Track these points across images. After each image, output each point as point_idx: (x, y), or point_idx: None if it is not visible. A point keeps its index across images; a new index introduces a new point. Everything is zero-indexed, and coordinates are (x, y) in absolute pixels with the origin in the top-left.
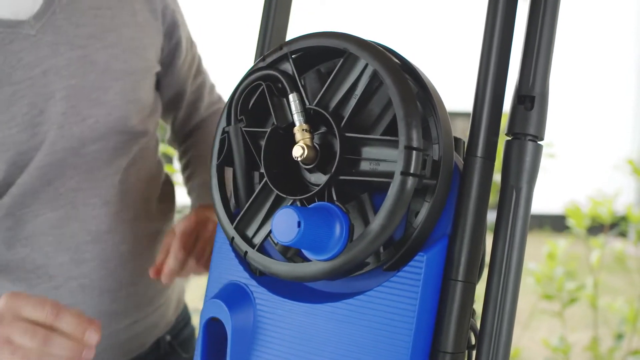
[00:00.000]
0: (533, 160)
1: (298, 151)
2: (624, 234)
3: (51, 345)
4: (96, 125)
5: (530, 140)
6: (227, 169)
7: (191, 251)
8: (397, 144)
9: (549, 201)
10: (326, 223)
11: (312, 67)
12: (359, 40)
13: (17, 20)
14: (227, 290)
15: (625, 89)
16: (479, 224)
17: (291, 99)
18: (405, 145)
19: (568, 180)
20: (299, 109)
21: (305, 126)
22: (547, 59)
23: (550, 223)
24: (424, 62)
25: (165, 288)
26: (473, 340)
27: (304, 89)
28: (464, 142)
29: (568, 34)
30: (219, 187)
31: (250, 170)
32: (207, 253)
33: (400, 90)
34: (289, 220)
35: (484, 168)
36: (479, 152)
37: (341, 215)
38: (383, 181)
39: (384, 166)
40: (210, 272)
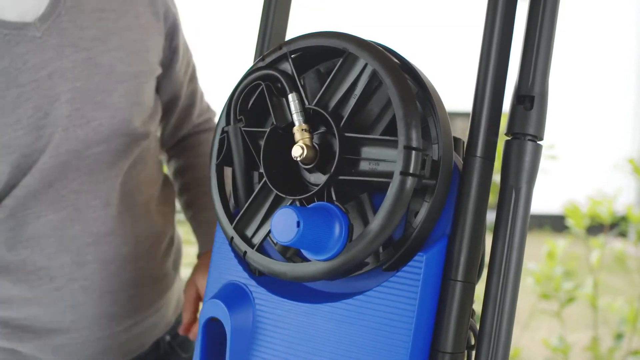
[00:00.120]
0: (532, 160)
1: (297, 151)
2: (624, 234)
3: None
4: (100, 128)
5: (529, 140)
6: (226, 169)
7: None
8: (397, 144)
9: (548, 201)
10: (325, 223)
11: (312, 67)
12: (359, 40)
13: (23, 22)
14: (227, 290)
15: (625, 89)
16: (479, 223)
17: (290, 98)
18: (405, 145)
19: (568, 180)
20: (298, 108)
21: (304, 126)
22: (547, 59)
23: (550, 223)
24: (423, 62)
25: (165, 290)
26: (472, 340)
27: (303, 88)
28: (464, 142)
29: (568, 33)
30: (219, 187)
31: (250, 170)
32: None
33: (400, 90)
34: (288, 220)
35: (483, 168)
36: (479, 152)
37: (340, 215)
38: (382, 181)
39: (383, 166)
40: (210, 272)
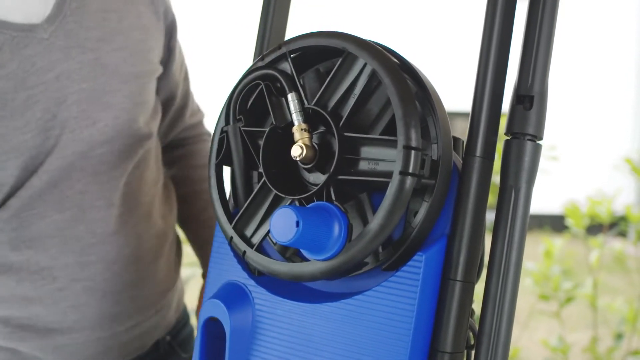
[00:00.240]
0: (532, 159)
1: (297, 151)
2: (624, 234)
3: None
4: (105, 129)
5: (529, 139)
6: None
7: None
8: (396, 143)
9: (548, 201)
10: (325, 223)
11: (311, 67)
12: (358, 39)
13: (31, 24)
14: (226, 290)
15: (625, 89)
16: (478, 223)
17: (290, 98)
18: (404, 145)
19: (568, 180)
20: (297, 108)
21: (304, 126)
22: (546, 59)
23: (550, 223)
24: (423, 62)
25: (166, 290)
26: (472, 340)
27: (302, 88)
28: (463, 142)
29: (567, 33)
30: (218, 187)
31: (249, 170)
32: None
33: (399, 90)
34: (287, 219)
35: (483, 167)
36: (478, 152)
37: (340, 215)
38: (382, 181)
39: (382, 166)
40: (209, 272)
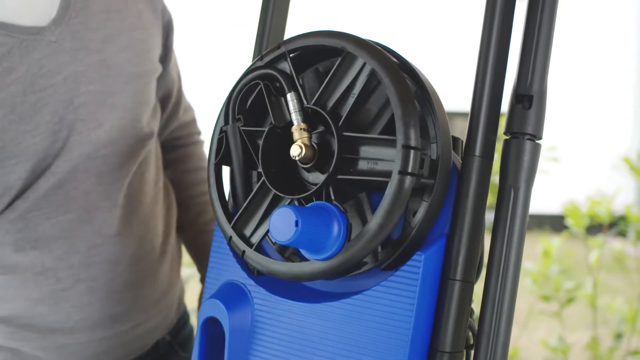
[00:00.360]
0: (531, 159)
1: (296, 150)
2: (623, 234)
3: None
4: (111, 130)
5: (528, 139)
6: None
7: None
8: (395, 143)
9: (548, 201)
10: (324, 222)
11: (310, 66)
12: (357, 39)
13: (38, 26)
14: (225, 290)
15: (625, 88)
16: (477, 223)
17: (289, 98)
18: (403, 145)
19: (567, 180)
20: (296, 108)
21: (303, 125)
22: (545, 58)
23: (549, 223)
24: (422, 62)
25: (168, 290)
26: (471, 339)
27: (301, 88)
28: (462, 142)
29: (566, 33)
30: (217, 187)
31: (248, 170)
32: None
33: (398, 90)
34: (286, 219)
35: (482, 167)
36: (477, 151)
37: (339, 214)
38: (381, 180)
39: (381, 165)
40: (208, 272)
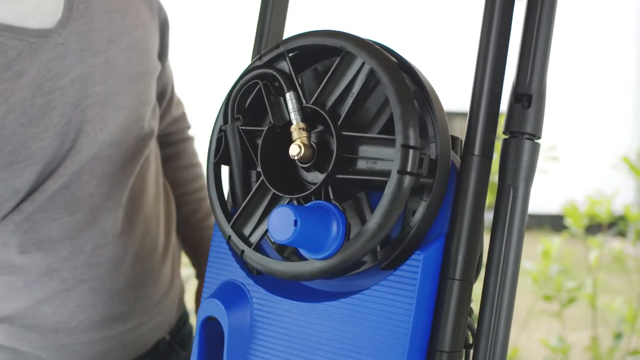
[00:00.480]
0: (530, 158)
1: (295, 150)
2: (623, 234)
3: None
4: (116, 130)
5: (527, 138)
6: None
7: None
8: (394, 142)
9: (548, 201)
10: (323, 222)
11: (309, 66)
12: (356, 38)
13: (46, 29)
14: (224, 290)
15: (625, 88)
16: (476, 222)
17: (288, 97)
18: (402, 144)
19: (567, 179)
20: (295, 107)
21: (302, 125)
22: (545, 57)
23: (549, 223)
24: (421, 61)
25: (169, 290)
26: (470, 339)
27: (300, 87)
28: (461, 141)
29: (566, 32)
30: (216, 186)
31: (247, 169)
32: None
33: (397, 89)
34: (285, 218)
35: (481, 166)
36: (476, 151)
37: (338, 214)
38: (380, 180)
39: (380, 165)
40: (208, 272)
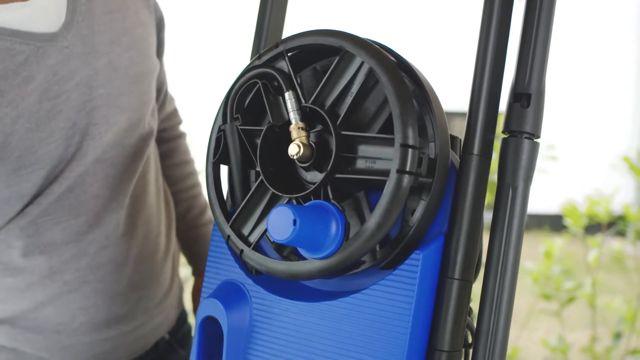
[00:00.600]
0: (529, 158)
1: (294, 149)
2: (622, 234)
3: None
4: (119, 132)
5: (526, 138)
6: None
7: None
8: (393, 142)
9: (547, 201)
10: (322, 221)
11: (308, 65)
12: (355, 38)
13: (51, 32)
14: (223, 289)
15: (624, 87)
16: (476, 221)
17: (287, 97)
18: (401, 143)
19: (567, 179)
20: (294, 107)
21: (301, 124)
22: (544, 57)
23: (548, 222)
24: (420, 61)
25: (170, 290)
26: (470, 338)
27: (300, 87)
28: (460, 140)
29: (565, 31)
30: (215, 186)
31: (246, 169)
32: None
33: (396, 88)
34: (284, 218)
35: (480, 166)
36: (475, 150)
37: (337, 213)
38: (379, 179)
39: (380, 164)
40: (207, 271)
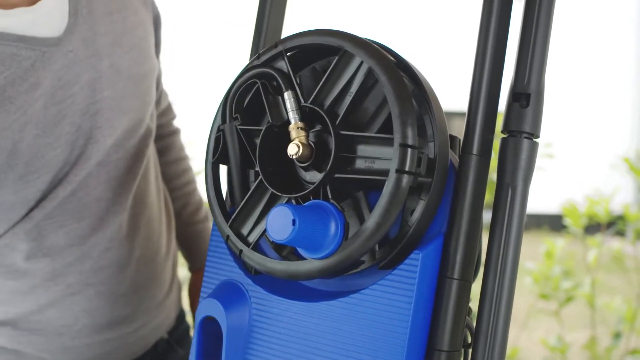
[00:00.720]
0: (529, 157)
1: (293, 149)
2: (622, 233)
3: None
4: (122, 133)
5: (525, 137)
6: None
7: None
8: (393, 141)
9: (547, 200)
10: (321, 221)
11: (307, 65)
12: (354, 37)
13: (55, 37)
14: (223, 289)
15: (624, 87)
16: (475, 221)
17: (286, 97)
18: (400, 143)
19: (566, 179)
20: (294, 106)
21: (300, 124)
22: (543, 57)
23: (548, 222)
24: (420, 60)
25: (170, 290)
26: (469, 338)
27: (299, 86)
28: (460, 140)
29: (565, 31)
30: (214, 186)
31: (245, 168)
32: None
33: (396, 88)
34: (283, 218)
35: (479, 165)
36: (475, 150)
37: (336, 213)
38: (378, 179)
39: (379, 164)
40: (206, 271)
